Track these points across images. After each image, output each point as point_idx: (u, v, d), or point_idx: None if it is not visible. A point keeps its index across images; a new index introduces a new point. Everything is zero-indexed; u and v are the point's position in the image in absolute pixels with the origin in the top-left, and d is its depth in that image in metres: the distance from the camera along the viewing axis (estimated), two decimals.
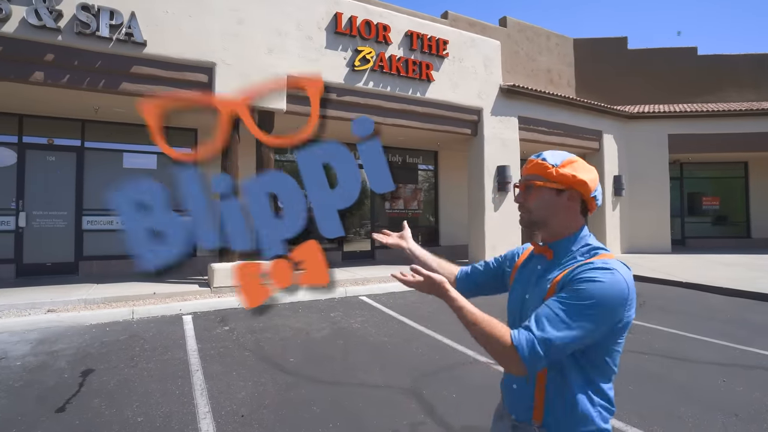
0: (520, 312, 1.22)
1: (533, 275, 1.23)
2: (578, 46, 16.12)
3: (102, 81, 6.65)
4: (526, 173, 1.24)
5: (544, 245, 1.24)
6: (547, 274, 1.17)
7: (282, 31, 7.82)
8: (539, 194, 1.20)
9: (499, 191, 10.31)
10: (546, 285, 1.14)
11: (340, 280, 8.03)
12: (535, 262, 1.27)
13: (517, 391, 1.20)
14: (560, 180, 1.16)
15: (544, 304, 1.07)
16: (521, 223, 1.28)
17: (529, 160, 1.25)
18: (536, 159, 1.22)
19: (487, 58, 10.38)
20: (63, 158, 8.39)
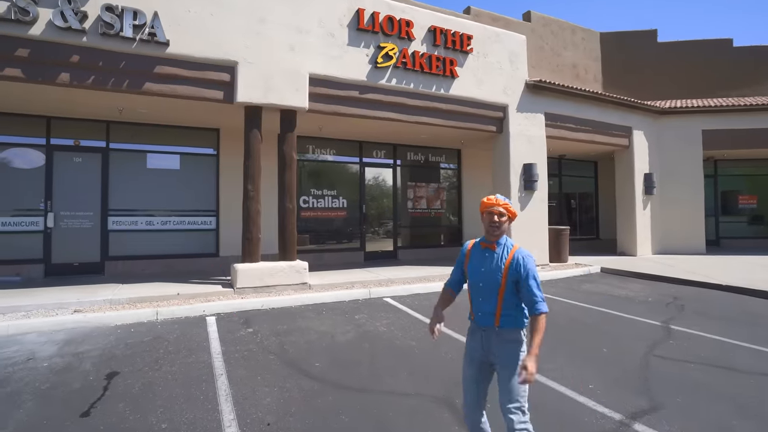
0: (480, 277, 2.37)
1: (486, 259, 2.37)
2: (605, 40, 15.65)
3: (126, 81, 6.65)
4: (503, 206, 2.38)
5: (493, 243, 2.39)
6: (498, 256, 2.34)
7: (303, 29, 7.72)
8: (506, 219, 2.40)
9: (526, 190, 10.02)
10: (502, 263, 2.31)
11: (363, 281, 7.88)
12: (482, 251, 2.42)
13: (485, 315, 2.34)
14: (513, 213, 2.42)
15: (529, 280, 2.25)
16: (496, 233, 2.38)
17: (496, 198, 2.40)
18: (502, 200, 2.40)
19: (512, 53, 10.09)
20: (89, 159, 8.48)
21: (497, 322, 2.29)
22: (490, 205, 2.36)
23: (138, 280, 7.55)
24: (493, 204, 2.36)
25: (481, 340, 2.36)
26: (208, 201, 9.33)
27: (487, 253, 2.37)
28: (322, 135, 10.25)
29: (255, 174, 7.34)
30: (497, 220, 2.34)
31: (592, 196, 15.40)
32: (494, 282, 2.30)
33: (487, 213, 2.38)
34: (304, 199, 10.23)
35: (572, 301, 7.11)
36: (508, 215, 2.37)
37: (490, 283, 2.31)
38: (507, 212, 2.36)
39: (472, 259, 2.44)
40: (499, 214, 2.35)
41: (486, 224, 2.37)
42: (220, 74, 7.18)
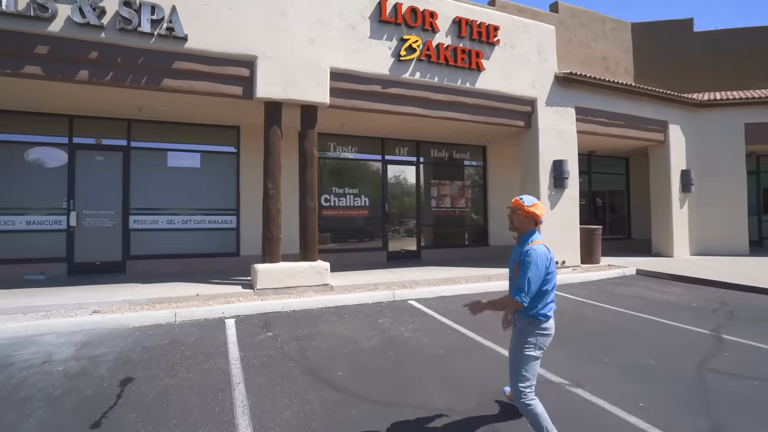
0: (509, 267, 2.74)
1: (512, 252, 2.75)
2: (636, 30, 14.97)
3: (144, 78, 6.53)
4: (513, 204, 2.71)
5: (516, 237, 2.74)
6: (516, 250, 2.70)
7: (324, 21, 7.47)
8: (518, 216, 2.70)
9: (556, 188, 9.57)
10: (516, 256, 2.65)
11: (386, 282, 7.61)
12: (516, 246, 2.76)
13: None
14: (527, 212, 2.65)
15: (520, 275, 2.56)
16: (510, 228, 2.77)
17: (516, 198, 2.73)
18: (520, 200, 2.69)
19: (540, 45, 9.64)
20: (110, 158, 8.43)
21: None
22: (511, 204, 2.77)
23: (158, 280, 7.45)
24: (511, 205, 2.75)
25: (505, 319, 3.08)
26: (228, 199, 9.20)
27: (517, 245, 2.75)
28: (344, 132, 10.01)
29: (275, 172, 7.14)
30: (508, 216, 2.75)
31: (623, 194, 14.75)
32: (511, 272, 2.68)
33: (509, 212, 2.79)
34: (326, 197, 10.01)
35: (608, 306, 6.68)
36: (524, 214, 2.66)
37: (510, 273, 2.70)
38: (519, 209, 2.67)
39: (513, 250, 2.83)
40: (511, 211, 2.72)
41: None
42: (239, 69, 7.00)
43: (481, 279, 8.28)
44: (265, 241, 7.07)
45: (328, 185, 10.11)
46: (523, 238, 2.66)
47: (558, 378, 3.86)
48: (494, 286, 7.81)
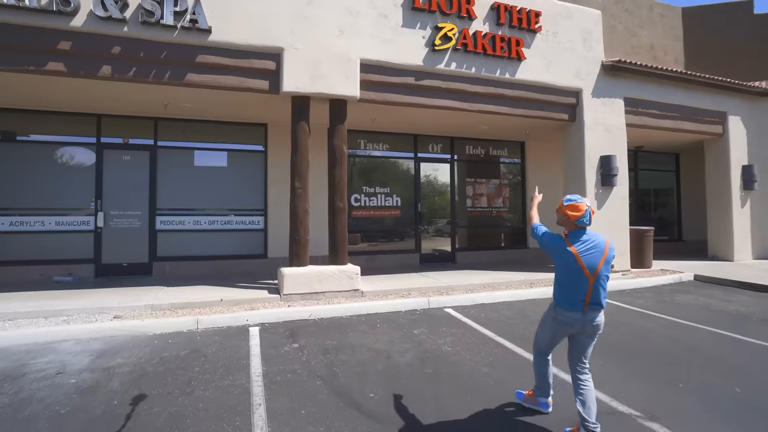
0: None
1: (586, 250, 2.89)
2: (687, 15, 13.89)
3: (167, 73, 6.26)
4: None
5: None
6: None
7: (354, 10, 7.04)
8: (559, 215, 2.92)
9: (603, 186, 8.81)
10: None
11: (420, 288, 7.10)
12: None
13: None
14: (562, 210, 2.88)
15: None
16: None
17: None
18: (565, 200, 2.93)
19: (585, 31, 8.91)
20: (137, 157, 8.27)
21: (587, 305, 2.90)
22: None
23: (183, 283, 7.21)
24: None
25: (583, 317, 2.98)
26: (256, 199, 8.90)
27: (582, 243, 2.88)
28: (374, 129, 9.56)
29: (303, 170, 6.75)
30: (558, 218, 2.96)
31: (672, 192, 13.71)
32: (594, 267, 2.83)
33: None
34: (356, 197, 9.59)
35: (670, 317, 5.96)
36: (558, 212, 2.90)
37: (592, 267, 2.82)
38: (558, 207, 2.91)
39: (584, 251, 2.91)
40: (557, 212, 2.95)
41: None
42: (265, 62, 6.65)
43: (523, 285, 7.66)
44: (292, 244, 6.70)
45: (358, 184, 9.68)
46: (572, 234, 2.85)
47: (627, 408, 3.28)
48: (537, 293, 7.18)
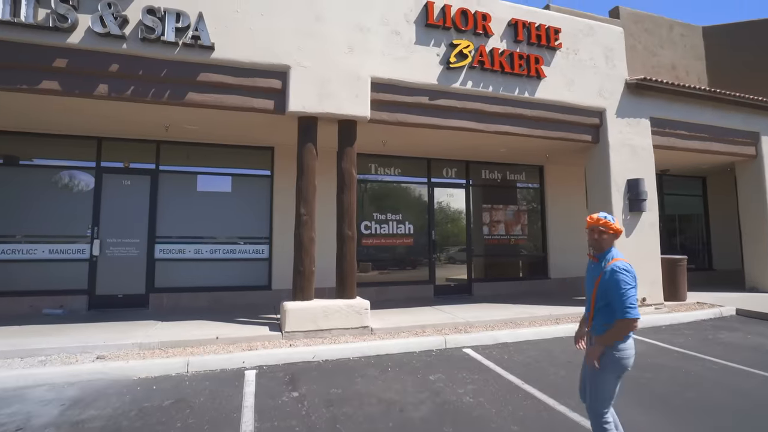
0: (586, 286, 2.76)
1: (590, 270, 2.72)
2: (709, 35, 13.45)
3: (167, 92, 5.90)
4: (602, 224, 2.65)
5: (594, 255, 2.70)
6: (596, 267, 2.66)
7: (364, 27, 6.70)
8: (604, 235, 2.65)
9: (632, 211, 8.18)
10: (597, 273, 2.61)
11: (436, 324, 6.47)
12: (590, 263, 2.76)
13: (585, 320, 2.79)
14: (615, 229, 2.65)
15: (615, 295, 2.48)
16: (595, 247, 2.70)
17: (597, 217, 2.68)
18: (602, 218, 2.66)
19: (607, 49, 8.48)
20: (138, 182, 7.90)
21: (589, 326, 2.70)
22: (591, 223, 2.67)
23: (180, 317, 6.67)
24: (591, 222, 2.67)
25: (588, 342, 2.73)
26: (260, 227, 8.43)
27: (593, 265, 2.72)
28: (386, 152, 9.12)
29: (309, 195, 6.28)
30: (596, 237, 2.66)
31: (700, 218, 12.98)
32: (589, 291, 2.66)
33: (589, 230, 2.68)
34: (366, 224, 9.07)
35: (719, 360, 5.24)
36: (608, 231, 2.63)
37: (589, 290, 2.68)
38: (608, 229, 2.63)
39: (587, 270, 2.79)
40: (599, 232, 2.64)
41: (588, 240, 2.71)
42: (270, 81, 6.28)
43: (548, 321, 6.98)
44: (296, 275, 6.15)
45: (368, 211, 9.18)
46: (602, 256, 2.66)
47: None
48: (564, 330, 6.50)
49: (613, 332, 2.46)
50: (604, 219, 2.64)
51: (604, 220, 2.63)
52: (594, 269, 2.67)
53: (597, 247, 2.65)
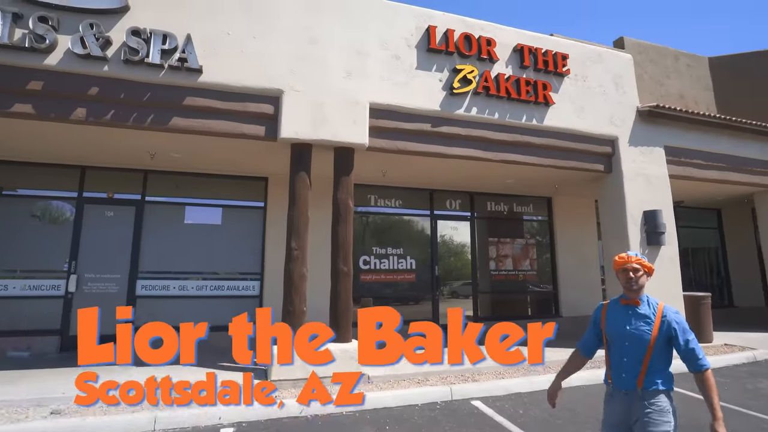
0: (625, 335, 2.27)
1: (631, 316, 2.30)
2: (715, 65, 13.24)
3: (150, 116, 5.51)
4: (636, 262, 2.32)
5: (635, 299, 2.31)
6: (645, 312, 2.28)
7: (362, 51, 6.37)
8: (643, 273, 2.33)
9: (650, 245, 7.62)
10: (651, 319, 2.26)
11: (440, 371, 5.81)
12: (623, 308, 2.34)
13: (628, 376, 2.24)
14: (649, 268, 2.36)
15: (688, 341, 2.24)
16: (635, 288, 2.31)
17: (628, 256, 2.35)
18: (635, 256, 2.34)
19: (617, 76, 8.15)
20: (121, 213, 7.42)
21: (640, 383, 2.22)
22: (623, 263, 2.34)
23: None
24: (625, 261, 2.33)
25: (622, 404, 2.27)
26: (252, 262, 7.87)
27: (631, 310, 2.32)
28: (386, 183, 8.67)
29: (300, 227, 5.77)
30: (633, 276, 2.31)
31: (716, 252, 12.37)
32: (643, 340, 2.24)
33: (621, 271, 2.34)
34: (365, 259, 8.51)
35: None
36: (644, 270, 2.33)
37: (638, 341, 2.25)
38: (642, 267, 2.33)
39: (611, 317, 2.38)
40: (634, 270, 2.31)
41: (623, 282, 2.35)
42: (262, 106, 5.89)
43: None
44: (285, 316, 5.56)
45: (368, 245, 8.64)
46: (644, 297, 2.34)
47: None
48: (584, 378, 5.77)
49: (714, 388, 2.16)
50: (636, 256, 2.34)
51: (637, 257, 2.34)
52: (634, 316, 2.28)
53: (638, 289, 2.30)
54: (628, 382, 2.23)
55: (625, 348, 2.26)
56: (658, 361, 2.21)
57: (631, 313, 2.29)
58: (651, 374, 2.20)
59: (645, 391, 2.20)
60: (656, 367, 2.21)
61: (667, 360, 2.24)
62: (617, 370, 2.29)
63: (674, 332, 2.22)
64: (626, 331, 2.27)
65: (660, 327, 2.22)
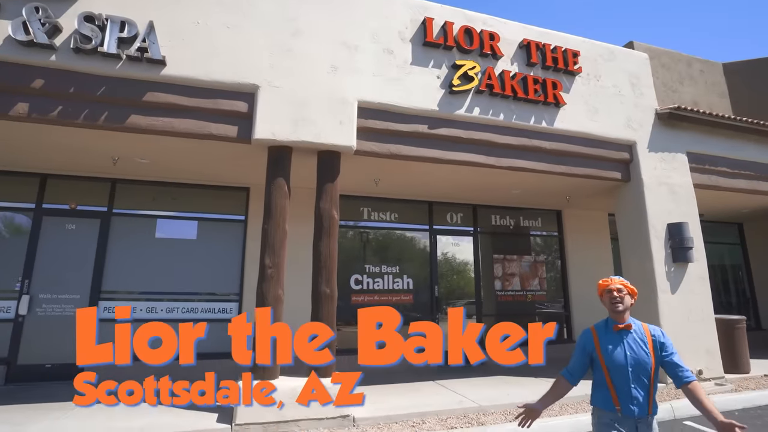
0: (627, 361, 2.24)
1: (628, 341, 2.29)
2: (730, 71, 12.55)
3: (104, 113, 4.79)
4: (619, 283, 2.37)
5: (628, 323, 2.33)
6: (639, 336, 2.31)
7: (351, 44, 5.69)
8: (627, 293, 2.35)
9: (676, 262, 6.78)
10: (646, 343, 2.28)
11: (439, 410, 4.92)
12: (618, 334, 2.32)
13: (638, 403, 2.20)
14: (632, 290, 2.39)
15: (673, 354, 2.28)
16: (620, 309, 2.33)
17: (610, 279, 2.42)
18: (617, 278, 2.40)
19: (632, 76, 7.45)
20: (84, 227, 6.66)
21: (650, 410, 2.22)
22: (606, 285, 2.39)
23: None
24: (609, 283, 2.39)
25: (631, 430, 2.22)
26: (229, 281, 7.07)
27: (626, 335, 2.32)
28: (380, 194, 7.92)
29: (276, 242, 4.98)
30: (617, 295, 2.33)
31: (739, 269, 11.48)
32: (646, 365, 2.24)
33: (606, 292, 2.38)
34: (357, 278, 7.69)
35: None
36: (627, 291, 2.36)
37: (642, 366, 2.24)
38: (625, 288, 2.36)
39: (606, 344, 2.32)
40: (618, 290, 2.34)
41: (608, 304, 2.36)
42: (234, 103, 5.18)
43: (585, 402, 5.41)
44: (255, 345, 4.73)
45: (360, 262, 7.83)
46: (632, 320, 2.38)
47: None
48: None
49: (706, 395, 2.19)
50: (619, 278, 2.42)
51: (620, 279, 2.42)
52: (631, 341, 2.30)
53: (624, 309, 2.33)
54: (640, 409, 2.22)
55: (631, 375, 2.24)
56: (655, 384, 2.28)
57: (627, 339, 2.30)
58: (654, 398, 2.26)
59: (652, 417, 2.25)
60: (654, 390, 2.28)
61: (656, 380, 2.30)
62: (626, 398, 2.23)
63: (666, 349, 2.27)
64: (628, 357, 2.27)
65: (654, 349, 2.27)
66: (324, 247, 5.13)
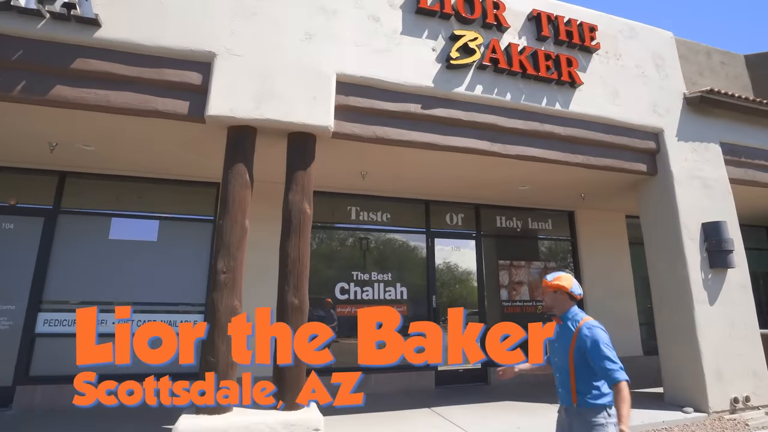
0: (554, 352, 2.49)
1: (558, 334, 2.47)
2: (753, 64, 11.64)
3: (21, 83, 3.91)
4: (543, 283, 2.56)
5: (557, 317, 2.48)
6: (565, 330, 2.41)
7: (328, 8, 4.81)
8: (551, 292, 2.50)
9: (714, 268, 5.80)
10: (569, 336, 2.36)
11: None
12: (557, 327, 2.51)
13: (563, 392, 2.37)
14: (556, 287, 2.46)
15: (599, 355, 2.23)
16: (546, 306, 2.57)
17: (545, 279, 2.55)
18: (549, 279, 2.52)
19: (656, 55, 6.55)
20: (25, 226, 5.77)
21: (575, 400, 2.29)
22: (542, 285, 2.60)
23: (47, 426, 4.27)
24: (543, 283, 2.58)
25: (565, 419, 2.36)
26: (194, 289, 6.14)
27: (558, 328, 2.49)
28: (369, 190, 7.00)
29: (233, 242, 4.05)
30: (543, 295, 2.59)
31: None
32: (565, 355, 2.34)
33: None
34: (342, 286, 6.74)
35: None
36: (550, 289, 2.48)
37: (562, 358, 2.37)
38: (547, 287, 2.50)
39: (554, 334, 2.53)
40: (543, 290, 2.56)
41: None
42: (185, 74, 4.29)
43: None
44: (204, 369, 3.78)
45: (346, 269, 6.87)
46: (565, 316, 2.44)
47: None
48: None
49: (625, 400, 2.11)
50: (553, 276, 2.52)
51: (554, 276, 2.52)
52: (559, 333, 2.47)
53: (547, 307, 2.54)
54: (564, 398, 2.37)
55: (555, 364, 2.46)
56: (585, 377, 2.27)
57: (558, 330, 2.48)
58: (581, 390, 2.27)
59: (580, 408, 2.28)
60: (584, 382, 2.27)
61: (595, 376, 2.25)
62: (557, 386, 2.44)
63: (586, 347, 2.25)
64: (555, 347, 2.47)
65: (576, 342, 2.30)
66: (293, 248, 4.19)
